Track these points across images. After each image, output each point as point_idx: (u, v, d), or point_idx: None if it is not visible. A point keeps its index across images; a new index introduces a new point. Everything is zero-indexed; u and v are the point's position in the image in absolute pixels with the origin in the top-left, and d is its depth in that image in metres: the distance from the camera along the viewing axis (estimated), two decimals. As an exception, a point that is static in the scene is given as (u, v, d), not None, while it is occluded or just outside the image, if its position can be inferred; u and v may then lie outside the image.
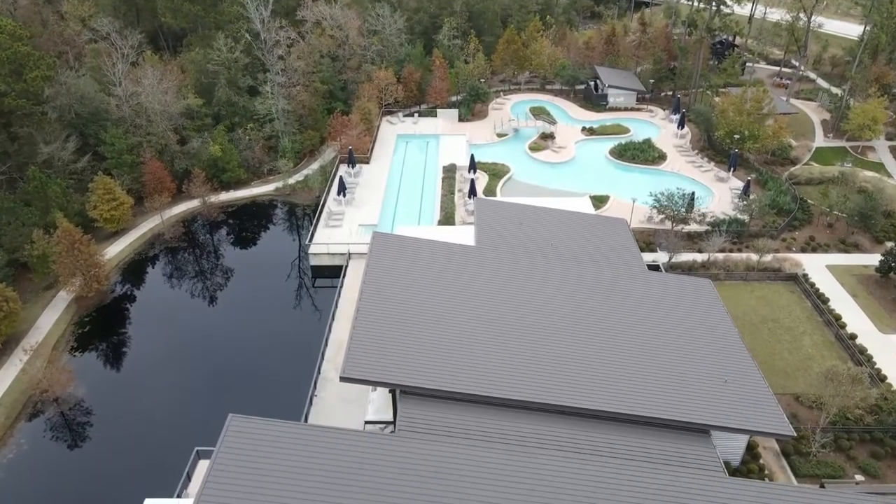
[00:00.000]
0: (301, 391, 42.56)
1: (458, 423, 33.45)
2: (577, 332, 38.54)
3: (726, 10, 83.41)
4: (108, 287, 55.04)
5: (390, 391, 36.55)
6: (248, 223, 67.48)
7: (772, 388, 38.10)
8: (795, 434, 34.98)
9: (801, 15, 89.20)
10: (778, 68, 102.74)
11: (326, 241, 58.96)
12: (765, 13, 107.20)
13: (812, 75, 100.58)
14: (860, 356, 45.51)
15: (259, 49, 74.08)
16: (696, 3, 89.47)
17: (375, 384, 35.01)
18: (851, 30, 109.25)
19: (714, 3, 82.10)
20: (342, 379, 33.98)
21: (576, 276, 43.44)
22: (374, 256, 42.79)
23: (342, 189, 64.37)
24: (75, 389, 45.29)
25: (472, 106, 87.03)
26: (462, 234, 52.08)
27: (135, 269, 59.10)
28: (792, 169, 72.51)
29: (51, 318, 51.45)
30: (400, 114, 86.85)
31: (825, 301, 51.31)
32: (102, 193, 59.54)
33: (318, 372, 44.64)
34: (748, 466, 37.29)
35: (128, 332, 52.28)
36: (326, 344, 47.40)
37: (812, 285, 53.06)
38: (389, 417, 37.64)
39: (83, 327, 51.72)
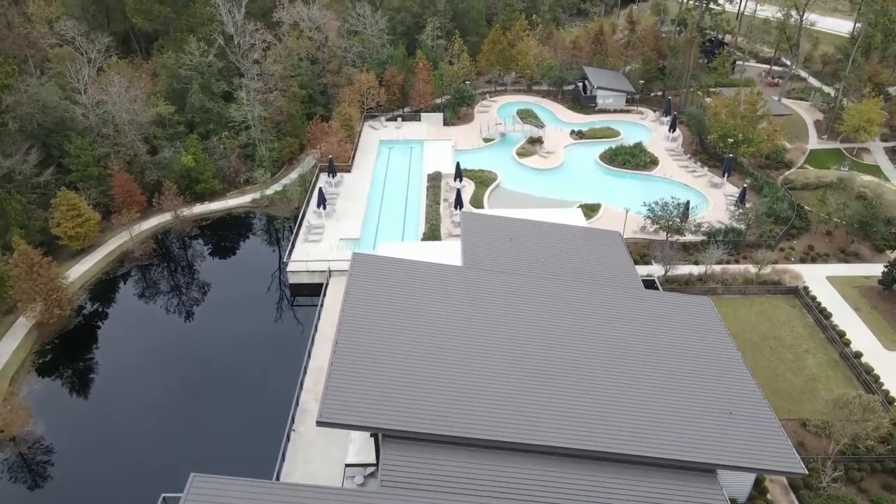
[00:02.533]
0: (278, 425, 39.78)
1: (445, 467, 30.85)
2: (572, 365, 35.96)
3: (717, 9, 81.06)
4: (72, 312, 51.66)
5: (371, 435, 33.76)
6: (223, 238, 64.17)
7: (776, 413, 36.03)
8: (807, 472, 32.68)
9: (793, 12, 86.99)
10: (768, 66, 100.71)
11: (306, 257, 55.97)
12: (755, 10, 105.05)
13: (803, 73, 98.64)
14: (867, 377, 43.39)
15: (233, 53, 70.58)
16: (686, 1, 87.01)
17: (356, 428, 32.24)
18: (841, 26, 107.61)
19: (704, 1, 79.78)
20: (319, 423, 31.20)
21: (569, 299, 40.85)
22: (353, 281, 39.94)
23: (322, 201, 61.31)
24: (34, 427, 42.07)
25: (457, 109, 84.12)
26: (448, 251, 49.43)
27: (102, 291, 55.71)
28: (787, 173, 70.43)
29: (9, 347, 48.09)
30: (382, 118, 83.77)
31: (827, 316, 49.17)
32: (66, 210, 56.07)
33: (296, 404, 41.80)
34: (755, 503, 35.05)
35: (93, 360, 49.01)
36: (305, 372, 44.52)
37: (813, 299, 50.92)
38: (372, 459, 34.89)
39: (44, 356, 48.41)
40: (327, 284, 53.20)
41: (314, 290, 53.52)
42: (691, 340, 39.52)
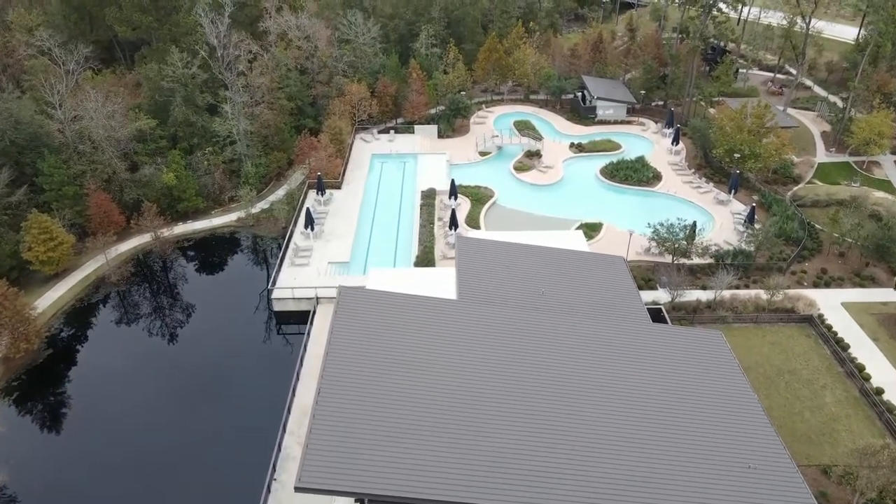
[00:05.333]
0: (258, 473, 36.80)
1: (438, 535, 27.86)
2: (580, 416, 32.85)
3: (720, 17, 78.17)
4: (41, 344, 48.42)
5: (357, 501, 30.72)
6: (206, 260, 60.97)
7: (795, 459, 33.15)
8: (835, 536, 29.84)
9: (798, 19, 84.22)
10: (772, 74, 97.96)
11: (292, 282, 52.97)
12: (759, 16, 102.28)
13: (808, 82, 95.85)
14: (889, 416, 40.57)
15: (216, 66, 67.35)
16: (687, 9, 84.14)
17: (340, 494, 29.16)
18: (844, 32, 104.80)
19: (706, 9, 76.89)
20: (297, 489, 28.12)
21: (573, 338, 37.80)
22: (340, 319, 36.81)
23: (310, 222, 58.26)
24: (-6, 476, 38.93)
25: (452, 121, 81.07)
26: (442, 279, 46.40)
27: (75, 319, 52.48)
28: (795, 188, 67.64)
29: (-28, 385, 44.98)
30: (374, 130, 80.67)
31: (845, 347, 46.34)
32: (37, 233, 52.89)
33: (278, 449, 38.89)
34: (777, 566, 32.03)
35: (64, 395, 45.91)
36: (289, 412, 41.57)
37: (829, 328, 48.12)
38: (358, 521, 31.85)
39: (10, 394, 45.25)
40: (314, 313, 50.26)
41: (301, 318, 50.62)
42: (705, 383, 36.52)
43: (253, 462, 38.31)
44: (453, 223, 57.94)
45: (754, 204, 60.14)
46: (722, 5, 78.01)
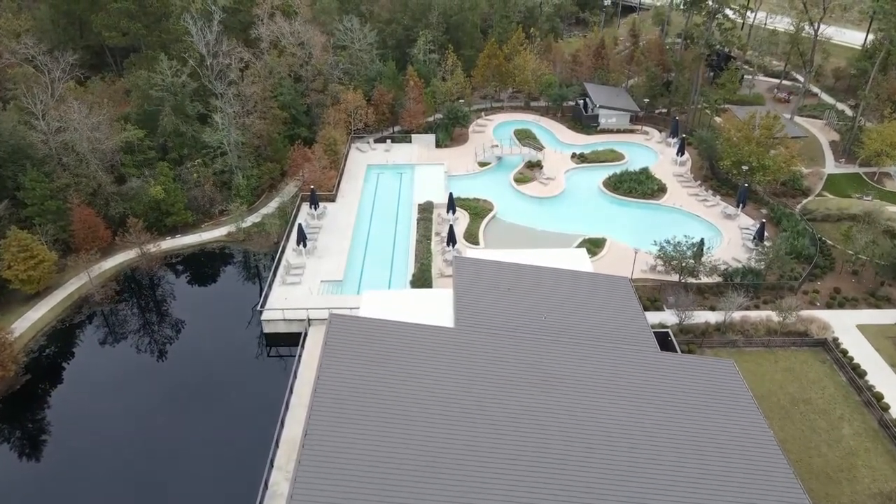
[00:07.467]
0: (243, 515, 34.68)
1: None
2: (584, 455, 30.70)
3: (726, 24, 75.91)
4: (18, 369, 46.15)
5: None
6: (194, 278, 58.67)
7: (813, 499, 31.30)
8: None
9: (805, 25, 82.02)
10: (778, 80, 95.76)
11: (283, 302, 50.74)
12: (765, 22, 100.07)
13: (815, 89, 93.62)
14: (912, 451, 38.43)
15: (205, 76, 65.05)
16: (691, 14, 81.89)
17: (325, 549, 27.01)
18: (851, 38, 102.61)
19: (711, 15, 74.60)
20: (280, 547, 25.93)
21: (577, 369, 35.59)
22: (330, 352, 34.61)
23: (302, 238, 56.02)
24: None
25: (450, 129, 78.81)
26: (439, 302, 44.11)
27: (56, 342, 50.21)
28: (805, 201, 65.40)
29: (-55, 414, 42.74)
30: (370, 139, 78.43)
31: (861, 374, 44.16)
32: (17, 251, 50.68)
33: (265, 487, 36.62)
34: None
35: (43, 423, 43.67)
36: (277, 445, 39.31)
37: (844, 353, 45.93)
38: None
39: (-15, 423, 43.08)
40: (306, 335, 48.03)
41: (292, 340, 48.43)
42: (717, 417, 34.29)
43: (238, 499, 36.14)
44: (451, 239, 55.78)
45: (764, 220, 57.90)
46: (728, 11, 75.81)
